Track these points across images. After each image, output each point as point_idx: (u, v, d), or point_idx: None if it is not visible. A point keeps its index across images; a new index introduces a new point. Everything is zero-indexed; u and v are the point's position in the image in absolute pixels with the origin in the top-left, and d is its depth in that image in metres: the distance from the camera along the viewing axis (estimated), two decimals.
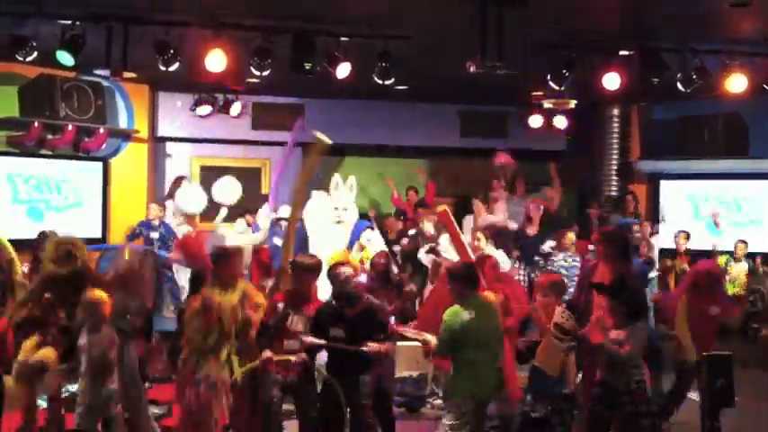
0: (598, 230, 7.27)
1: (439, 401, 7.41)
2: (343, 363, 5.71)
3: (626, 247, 6.51)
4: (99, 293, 5.63)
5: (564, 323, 5.56)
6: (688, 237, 10.52)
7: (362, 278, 6.93)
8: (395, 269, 7.76)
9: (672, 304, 6.78)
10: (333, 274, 5.82)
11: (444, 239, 8.78)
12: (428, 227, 9.56)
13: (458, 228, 7.16)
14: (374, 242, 8.44)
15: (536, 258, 9.58)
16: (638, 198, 11.76)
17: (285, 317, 5.75)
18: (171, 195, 10.53)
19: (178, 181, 10.60)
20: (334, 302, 5.81)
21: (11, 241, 6.66)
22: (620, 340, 5.25)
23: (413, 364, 7.84)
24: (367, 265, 7.54)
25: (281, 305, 5.77)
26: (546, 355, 5.61)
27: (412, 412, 7.55)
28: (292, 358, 5.63)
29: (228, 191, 10.49)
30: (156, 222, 9.91)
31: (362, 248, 8.43)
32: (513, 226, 10.16)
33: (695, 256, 10.81)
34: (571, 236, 9.20)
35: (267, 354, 5.58)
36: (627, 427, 5.29)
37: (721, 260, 10.52)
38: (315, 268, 5.89)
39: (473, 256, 6.76)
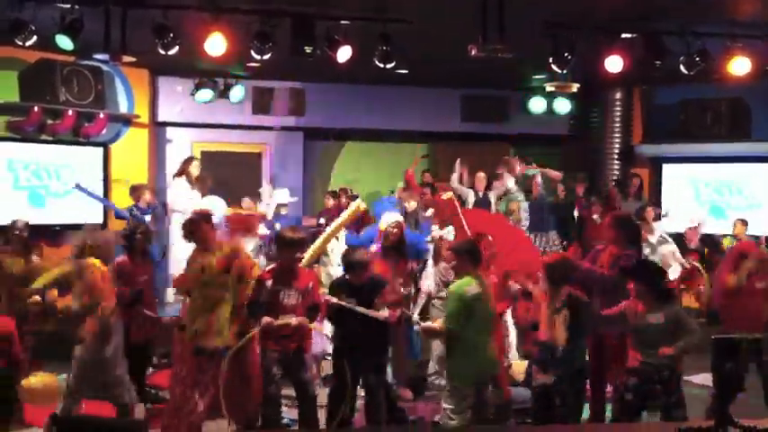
0: (611, 214, 7.26)
1: (441, 381, 7.43)
2: (357, 342, 5.77)
3: (637, 234, 6.52)
4: (98, 262, 5.74)
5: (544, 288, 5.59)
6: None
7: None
8: None
9: (719, 287, 6.79)
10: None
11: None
12: (412, 204, 9.70)
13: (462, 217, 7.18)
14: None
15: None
16: (642, 182, 11.72)
17: (276, 293, 5.80)
18: (181, 173, 10.43)
19: (189, 161, 10.53)
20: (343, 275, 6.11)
21: None
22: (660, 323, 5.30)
23: None
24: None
25: (269, 282, 5.82)
26: (548, 326, 5.56)
27: (415, 395, 7.58)
28: (292, 320, 5.67)
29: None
30: (145, 206, 9.89)
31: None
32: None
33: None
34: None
35: (267, 319, 5.63)
36: (660, 416, 5.34)
37: (725, 242, 10.52)
38: (299, 242, 5.96)
39: None
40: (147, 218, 9.77)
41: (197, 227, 5.90)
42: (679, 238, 10.46)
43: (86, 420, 5.17)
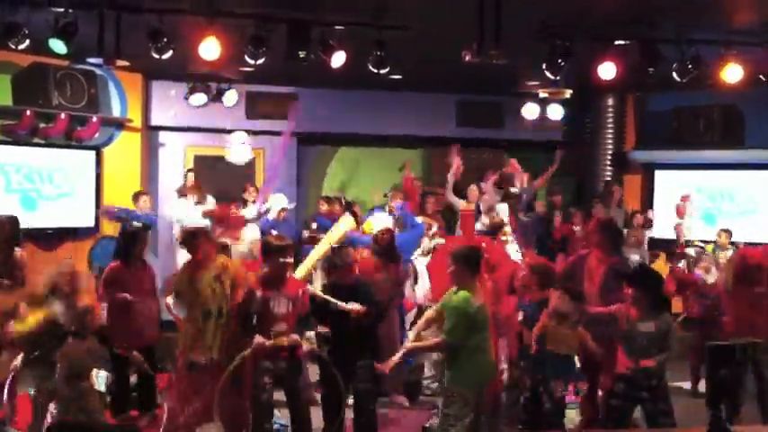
0: (595, 219, 7.29)
1: (435, 385, 7.43)
2: (344, 347, 5.77)
3: (619, 239, 6.57)
4: (89, 301, 5.58)
5: (560, 307, 5.56)
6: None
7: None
8: None
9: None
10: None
11: None
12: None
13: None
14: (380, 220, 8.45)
15: None
16: (623, 189, 11.71)
17: (266, 301, 5.76)
18: (183, 194, 10.45)
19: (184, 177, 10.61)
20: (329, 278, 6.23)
21: None
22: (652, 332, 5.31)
23: None
24: None
25: (258, 292, 5.78)
26: (558, 340, 5.58)
27: (410, 400, 7.57)
28: (284, 341, 5.65)
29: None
30: (139, 213, 9.86)
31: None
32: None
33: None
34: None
35: (259, 339, 5.59)
36: (647, 423, 5.33)
37: (708, 248, 10.56)
38: (285, 248, 5.93)
39: None
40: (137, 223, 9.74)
41: (195, 240, 5.90)
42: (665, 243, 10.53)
43: (81, 427, 5.15)
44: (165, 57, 7.55)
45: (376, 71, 8.03)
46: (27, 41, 7.48)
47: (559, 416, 5.66)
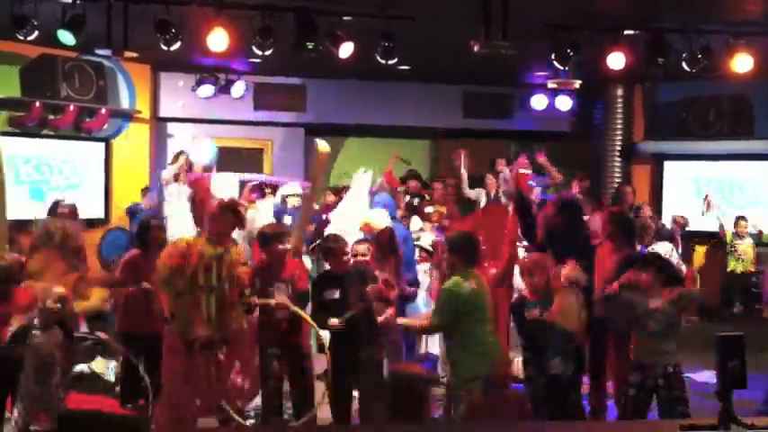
0: (606, 211, 7.25)
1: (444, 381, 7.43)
2: (346, 336, 5.76)
3: (633, 230, 6.55)
4: (64, 290, 5.31)
5: (573, 275, 5.60)
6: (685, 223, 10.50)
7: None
8: None
9: None
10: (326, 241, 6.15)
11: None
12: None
13: None
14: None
15: None
16: (635, 191, 11.63)
17: (266, 292, 5.78)
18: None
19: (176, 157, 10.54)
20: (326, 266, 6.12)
21: (14, 221, 6.72)
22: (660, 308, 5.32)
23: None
24: None
25: (257, 282, 5.78)
26: (563, 314, 5.57)
27: None
28: (272, 301, 5.71)
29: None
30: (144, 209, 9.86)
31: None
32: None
33: (697, 236, 10.92)
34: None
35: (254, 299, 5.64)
36: (662, 411, 5.31)
37: (728, 237, 10.54)
38: (280, 234, 5.90)
39: None
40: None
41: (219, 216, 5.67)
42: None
43: (87, 415, 5.13)
44: (173, 48, 7.55)
45: (383, 62, 8.02)
46: (35, 33, 7.49)
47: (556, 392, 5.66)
